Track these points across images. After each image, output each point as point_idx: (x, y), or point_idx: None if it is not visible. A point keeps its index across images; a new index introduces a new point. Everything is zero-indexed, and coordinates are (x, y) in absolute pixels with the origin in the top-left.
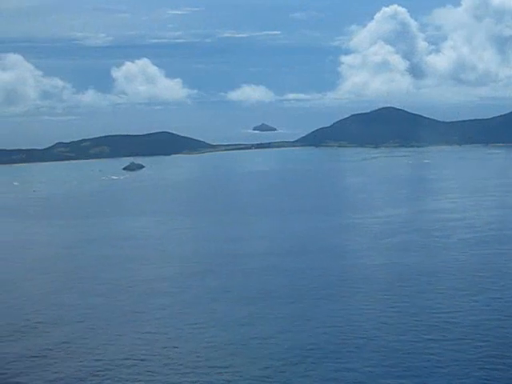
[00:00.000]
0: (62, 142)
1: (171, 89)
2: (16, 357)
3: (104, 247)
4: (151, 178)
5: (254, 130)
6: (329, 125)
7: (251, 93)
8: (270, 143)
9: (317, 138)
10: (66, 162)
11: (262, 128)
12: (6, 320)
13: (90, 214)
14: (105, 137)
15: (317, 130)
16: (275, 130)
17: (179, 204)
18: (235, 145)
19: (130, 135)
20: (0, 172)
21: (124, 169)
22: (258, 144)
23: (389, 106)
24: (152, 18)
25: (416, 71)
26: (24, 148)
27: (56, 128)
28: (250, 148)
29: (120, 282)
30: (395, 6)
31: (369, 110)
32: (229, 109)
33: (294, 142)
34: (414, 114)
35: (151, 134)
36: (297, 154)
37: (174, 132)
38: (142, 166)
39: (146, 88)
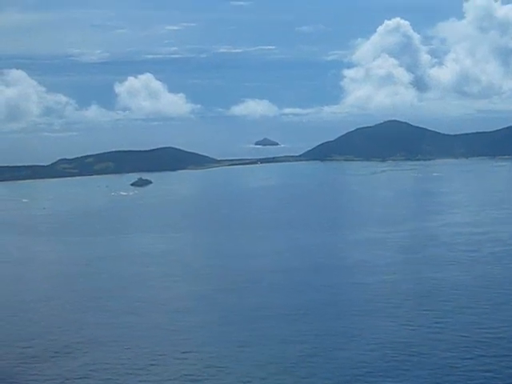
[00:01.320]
0: (66, 159)
1: (175, 104)
2: (61, 379)
3: (125, 264)
4: (161, 193)
5: (257, 144)
6: (333, 139)
7: (254, 107)
8: (274, 158)
9: (322, 152)
10: (70, 178)
11: (265, 142)
12: (42, 340)
13: (105, 231)
14: (109, 153)
15: (322, 144)
16: (277, 144)
17: (192, 220)
18: (240, 160)
19: (134, 151)
20: (7, 189)
21: (132, 184)
22: (263, 159)
23: (393, 119)
24: (149, 34)
25: (420, 84)
26: (27, 164)
27: (55, 144)
28: (256, 163)
29: (149, 299)
30: (398, 19)
31: (373, 124)
32: (231, 124)
33: (298, 156)
34: (419, 127)
35: (156, 149)
36: (303, 168)
37: (179, 147)
38: (150, 182)
39: (150, 103)
